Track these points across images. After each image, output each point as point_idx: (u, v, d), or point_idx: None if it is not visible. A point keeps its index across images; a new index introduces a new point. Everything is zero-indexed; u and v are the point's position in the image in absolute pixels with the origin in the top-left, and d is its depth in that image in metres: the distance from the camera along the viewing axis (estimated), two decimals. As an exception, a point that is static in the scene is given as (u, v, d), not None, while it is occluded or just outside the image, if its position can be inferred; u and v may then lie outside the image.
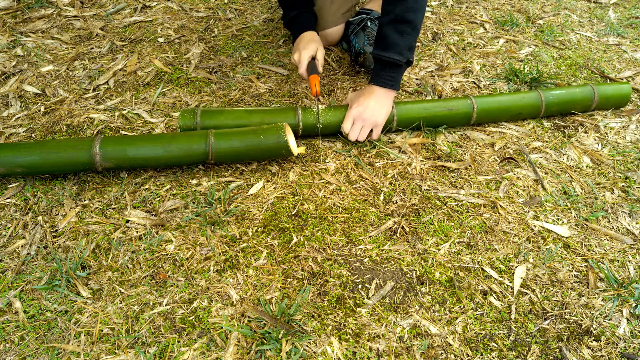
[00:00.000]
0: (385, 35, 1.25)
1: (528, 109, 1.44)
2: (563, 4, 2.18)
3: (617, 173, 1.34)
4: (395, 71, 1.29)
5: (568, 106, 1.48)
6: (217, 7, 1.97)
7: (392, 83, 1.29)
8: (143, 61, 1.64)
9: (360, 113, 1.28)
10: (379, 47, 1.27)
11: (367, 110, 1.27)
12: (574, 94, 1.47)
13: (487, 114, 1.41)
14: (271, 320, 0.94)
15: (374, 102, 1.28)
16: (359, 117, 1.28)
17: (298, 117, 1.30)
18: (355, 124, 1.29)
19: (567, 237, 1.15)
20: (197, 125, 1.26)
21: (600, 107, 1.52)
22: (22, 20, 1.81)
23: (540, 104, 1.44)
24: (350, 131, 1.30)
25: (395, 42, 1.24)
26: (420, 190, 1.24)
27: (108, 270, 1.03)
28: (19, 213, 1.14)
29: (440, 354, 0.92)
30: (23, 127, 1.36)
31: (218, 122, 1.27)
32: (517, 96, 1.45)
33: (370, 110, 1.27)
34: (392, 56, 1.25)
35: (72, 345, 0.91)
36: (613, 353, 0.94)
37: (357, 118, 1.28)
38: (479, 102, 1.39)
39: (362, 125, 1.29)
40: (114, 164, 1.16)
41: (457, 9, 2.08)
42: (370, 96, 1.29)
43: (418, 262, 1.08)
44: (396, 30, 1.24)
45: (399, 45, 1.24)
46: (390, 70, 1.28)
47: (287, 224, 1.14)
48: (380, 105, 1.29)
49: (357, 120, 1.29)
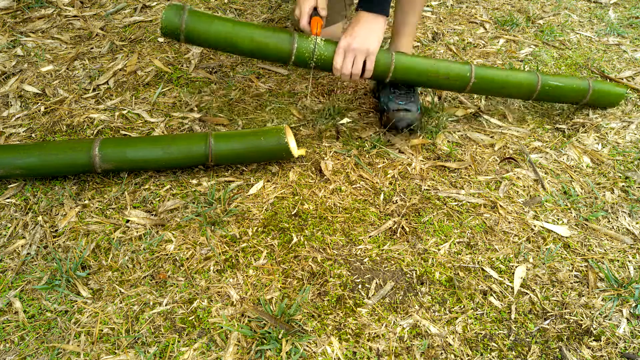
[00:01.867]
0: None
1: (525, 87, 1.39)
2: (563, 4, 2.18)
3: (617, 173, 1.34)
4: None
5: (562, 92, 1.44)
6: (217, 7, 1.97)
7: (380, 7, 1.19)
8: (143, 61, 1.64)
9: (350, 43, 1.19)
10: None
11: (356, 39, 1.18)
12: (568, 82, 1.45)
13: (484, 82, 1.36)
14: (271, 320, 0.94)
15: (363, 30, 1.19)
16: (348, 47, 1.19)
17: (293, 41, 1.20)
18: (346, 56, 1.20)
19: (567, 237, 1.15)
20: (182, 31, 1.15)
21: (592, 102, 1.50)
22: (22, 20, 1.81)
23: (536, 84, 1.39)
24: (342, 65, 1.21)
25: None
26: (420, 190, 1.24)
27: (108, 270, 1.04)
28: (19, 213, 1.14)
29: (440, 354, 0.92)
30: (23, 127, 1.36)
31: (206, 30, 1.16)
32: (515, 72, 1.42)
33: (360, 38, 1.18)
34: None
35: (72, 345, 0.91)
36: (613, 353, 0.94)
37: (347, 49, 1.19)
38: (478, 71, 1.34)
39: (354, 55, 1.19)
40: (113, 165, 1.16)
41: (457, 9, 2.08)
42: (359, 24, 1.20)
43: (418, 262, 1.08)
44: None
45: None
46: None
47: (287, 224, 1.14)
48: (370, 31, 1.19)
49: (348, 52, 1.20)
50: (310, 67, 1.25)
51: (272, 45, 1.21)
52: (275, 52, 1.22)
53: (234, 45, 1.19)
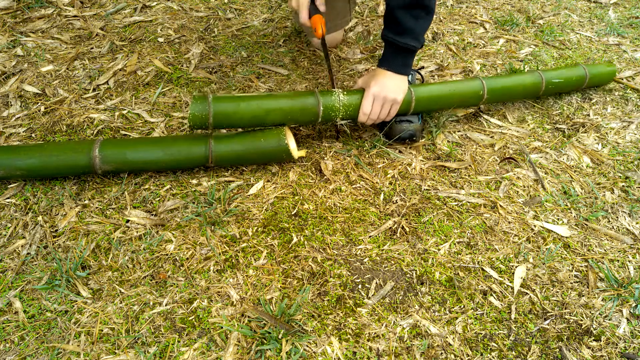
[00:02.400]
0: (400, 20, 1.20)
1: (532, 89, 1.47)
2: (563, 4, 2.18)
3: (617, 173, 1.34)
4: (408, 57, 1.25)
5: (564, 85, 1.53)
6: (217, 7, 1.97)
7: (404, 68, 1.26)
8: (143, 61, 1.64)
9: (379, 92, 1.24)
10: (393, 31, 1.22)
11: (385, 88, 1.24)
12: (569, 74, 1.53)
13: (496, 94, 1.42)
14: (271, 320, 0.94)
15: (391, 81, 1.25)
16: (378, 95, 1.24)
17: (319, 103, 1.23)
18: (375, 102, 1.25)
19: (567, 237, 1.15)
20: (210, 124, 1.17)
21: (590, 85, 1.59)
22: (22, 20, 1.81)
23: (541, 84, 1.47)
24: (371, 111, 1.26)
25: (411, 27, 1.19)
26: (420, 190, 1.24)
27: (108, 270, 1.04)
28: (19, 213, 1.14)
29: (440, 354, 0.92)
30: (23, 127, 1.36)
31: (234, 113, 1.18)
32: (520, 77, 1.48)
33: (388, 89, 1.24)
34: (408, 42, 1.21)
35: (72, 345, 0.91)
36: (613, 353, 0.94)
37: (377, 97, 1.24)
38: (488, 83, 1.40)
39: (382, 103, 1.25)
40: (113, 167, 1.16)
41: (457, 9, 2.08)
42: (385, 77, 1.25)
43: (418, 262, 1.08)
44: (411, 15, 1.19)
45: (414, 30, 1.20)
46: (404, 56, 1.25)
47: (287, 224, 1.14)
48: (397, 84, 1.25)
49: (377, 99, 1.24)
50: (336, 123, 1.31)
51: (299, 111, 1.23)
52: (304, 116, 1.25)
53: (263, 121, 1.22)
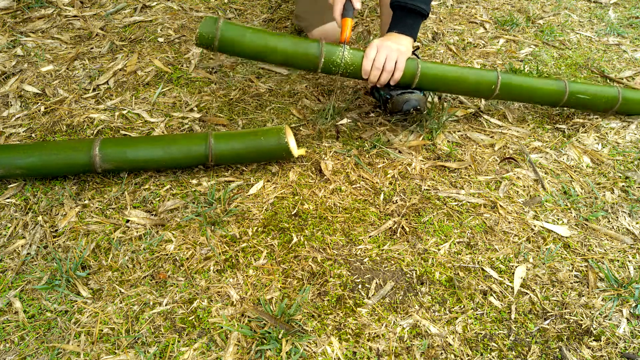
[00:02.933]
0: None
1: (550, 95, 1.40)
2: (563, 4, 2.18)
3: (617, 173, 1.34)
4: (417, 20, 1.28)
5: (591, 103, 1.44)
6: (217, 7, 1.97)
7: (412, 31, 1.28)
8: (143, 61, 1.64)
9: (383, 41, 1.24)
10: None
11: (389, 41, 1.25)
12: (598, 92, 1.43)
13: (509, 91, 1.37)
14: (271, 320, 0.94)
15: (395, 37, 1.27)
16: (381, 44, 1.24)
17: (321, 48, 1.24)
18: (379, 51, 1.24)
19: (567, 237, 1.15)
20: (217, 39, 1.19)
21: (622, 111, 1.49)
22: (22, 20, 1.81)
23: (563, 93, 1.39)
24: (375, 57, 1.24)
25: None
26: (420, 190, 1.24)
27: (108, 270, 1.04)
28: (19, 213, 1.14)
29: (440, 354, 0.92)
30: (23, 127, 1.36)
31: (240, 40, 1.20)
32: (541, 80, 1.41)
33: (393, 42, 1.25)
34: (419, 4, 1.24)
35: (72, 345, 0.91)
36: (613, 353, 0.94)
37: (381, 46, 1.24)
38: (504, 78, 1.35)
39: (386, 53, 1.23)
40: (113, 165, 1.16)
41: (457, 9, 2.08)
42: (392, 36, 1.27)
43: (418, 262, 1.08)
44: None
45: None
46: (414, 19, 1.27)
47: (287, 224, 1.14)
48: (402, 42, 1.26)
49: (382, 48, 1.24)
50: (338, 74, 1.28)
51: (302, 53, 1.24)
52: (305, 59, 1.24)
53: (264, 58, 1.23)
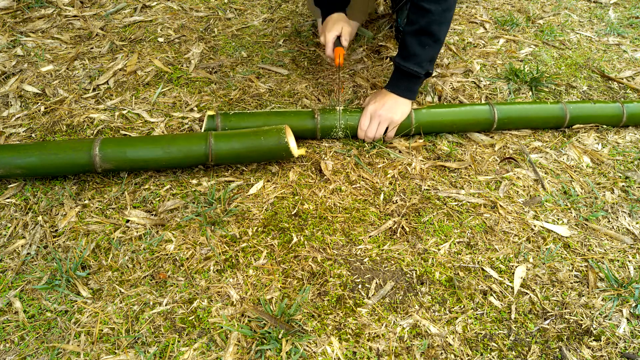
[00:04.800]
0: (407, 45, 1.25)
1: (552, 120, 1.43)
2: (563, 4, 2.18)
3: (617, 173, 1.34)
4: (413, 82, 1.29)
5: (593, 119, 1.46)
6: (217, 7, 1.97)
7: (408, 93, 1.30)
8: (143, 61, 1.64)
9: (377, 109, 1.29)
10: (400, 55, 1.28)
11: (384, 107, 1.29)
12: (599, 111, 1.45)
13: (508, 123, 1.41)
14: (271, 320, 0.94)
15: (391, 102, 1.30)
16: (375, 113, 1.29)
17: (316, 120, 1.31)
18: (372, 120, 1.30)
19: (567, 237, 1.15)
20: (218, 127, 1.29)
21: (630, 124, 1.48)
22: (22, 20, 1.81)
23: (564, 117, 1.42)
24: (367, 128, 1.31)
25: (416, 52, 1.24)
26: (420, 190, 1.24)
27: (108, 270, 1.04)
28: (19, 213, 1.14)
29: (440, 354, 0.92)
30: (23, 127, 1.36)
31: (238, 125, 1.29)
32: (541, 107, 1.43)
33: (387, 108, 1.29)
34: (411, 67, 1.26)
35: (72, 345, 0.91)
36: (613, 353, 0.94)
37: (374, 114, 1.30)
38: (500, 111, 1.38)
39: (378, 121, 1.30)
40: (113, 165, 1.16)
41: (457, 9, 2.08)
42: (387, 97, 1.31)
43: (418, 262, 1.08)
44: (419, 42, 1.24)
45: (419, 56, 1.25)
46: (409, 81, 1.29)
47: (287, 223, 1.14)
48: (398, 105, 1.30)
49: (374, 117, 1.30)
50: (337, 136, 1.36)
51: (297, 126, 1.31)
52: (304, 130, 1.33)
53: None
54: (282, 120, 1.29)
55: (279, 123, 1.27)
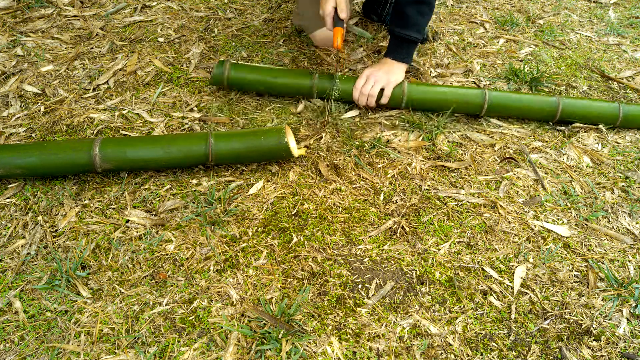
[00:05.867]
0: (407, 15, 1.36)
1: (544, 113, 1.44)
2: (563, 4, 2.18)
3: (617, 173, 1.34)
4: (412, 47, 1.42)
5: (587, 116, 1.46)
6: (217, 7, 1.97)
7: (407, 57, 1.43)
8: (143, 61, 1.64)
9: (373, 71, 1.39)
10: (399, 24, 1.38)
11: (381, 70, 1.39)
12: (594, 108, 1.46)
13: (499, 108, 1.45)
14: (271, 320, 0.94)
15: (388, 67, 1.40)
16: (371, 74, 1.38)
17: (314, 80, 1.42)
18: (368, 80, 1.39)
19: (567, 237, 1.15)
20: (225, 78, 1.43)
21: (626, 125, 1.48)
22: (22, 20, 1.80)
23: (556, 109, 1.42)
24: (363, 86, 1.39)
25: (416, 21, 1.36)
26: (420, 190, 1.24)
27: (108, 270, 1.04)
28: (19, 213, 1.14)
29: (440, 353, 0.92)
30: (23, 127, 1.36)
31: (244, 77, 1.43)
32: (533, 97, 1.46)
33: (384, 71, 1.39)
34: (412, 34, 1.38)
35: (72, 345, 0.91)
36: (613, 353, 0.94)
37: (370, 75, 1.39)
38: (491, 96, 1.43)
39: (374, 81, 1.38)
40: (113, 165, 1.16)
41: (457, 9, 2.08)
42: (385, 64, 1.41)
43: (418, 262, 1.08)
44: (417, 11, 1.36)
45: (418, 24, 1.37)
46: (408, 47, 1.41)
47: (287, 223, 1.14)
48: (394, 70, 1.40)
49: (370, 77, 1.38)
50: (331, 98, 1.45)
51: (297, 83, 1.45)
52: (300, 89, 1.46)
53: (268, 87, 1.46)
54: (285, 76, 1.44)
55: (283, 79, 1.43)
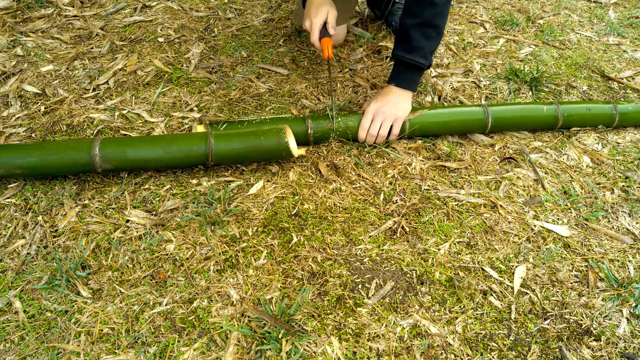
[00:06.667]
0: (411, 38, 1.25)
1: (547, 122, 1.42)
2: (563, 4, 2.18)
3: (617, 173, 1.34)
4: (416, 74, 1.30)
5: (587, 121, 1.45)
6: (217, 7, 1.97)
7: (412, 85, 1.30)
8: (143, 61, 1.64)
9: (380, 107, 1.26)
10: (403, 48, 1.27)
11: (387, 104, 1.26)
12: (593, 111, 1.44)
13: (502, 124, 1.40)
14: (271, 320, 0.94)
15: (394, 98, 1.28)
16: (378, 111, 1.26)
17: (308, 125, 1.29)
18: (375, 119, 1.27)
19: (567, 237, 1.15)
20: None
21: (623, 125, 1.48)
22: (22, 20, 1.81)
23: (557, 117, 1.41)
24: (370, 127, 1.28)
25: (421, 45, 1.24)
26: (420, 190, 1.24)
27: (108, 270, 1.04)
28: (19, 213, 1.14)
29: (440, 353, 0.92)
30: (23, 127, 1.36)
31: None
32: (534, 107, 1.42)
33: (391, 105, 1.26)
34: (417, 59, 1.26)
35: (72, 345, 0.91)
36: (613, 353, 0.94)
37: (377, 112, 1.26)
38: (494, 113, 1.37)
39: (382, 118, 1.26)
40: (113, 165, 1.16)
41: (457, 9, 2.08)
42: (390, 94, 1.29)
43: (418, 262, 1.08)
44: (423, 34, 1.24)
45: (424, 48, 1.25)
46: (413, 73, 1.29)
47: (287, 223, 1.14)
48: (401, 101, 1.29)
49: (377, 115, 1.26)
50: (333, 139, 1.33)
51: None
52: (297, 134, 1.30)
53: None
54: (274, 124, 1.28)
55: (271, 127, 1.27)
